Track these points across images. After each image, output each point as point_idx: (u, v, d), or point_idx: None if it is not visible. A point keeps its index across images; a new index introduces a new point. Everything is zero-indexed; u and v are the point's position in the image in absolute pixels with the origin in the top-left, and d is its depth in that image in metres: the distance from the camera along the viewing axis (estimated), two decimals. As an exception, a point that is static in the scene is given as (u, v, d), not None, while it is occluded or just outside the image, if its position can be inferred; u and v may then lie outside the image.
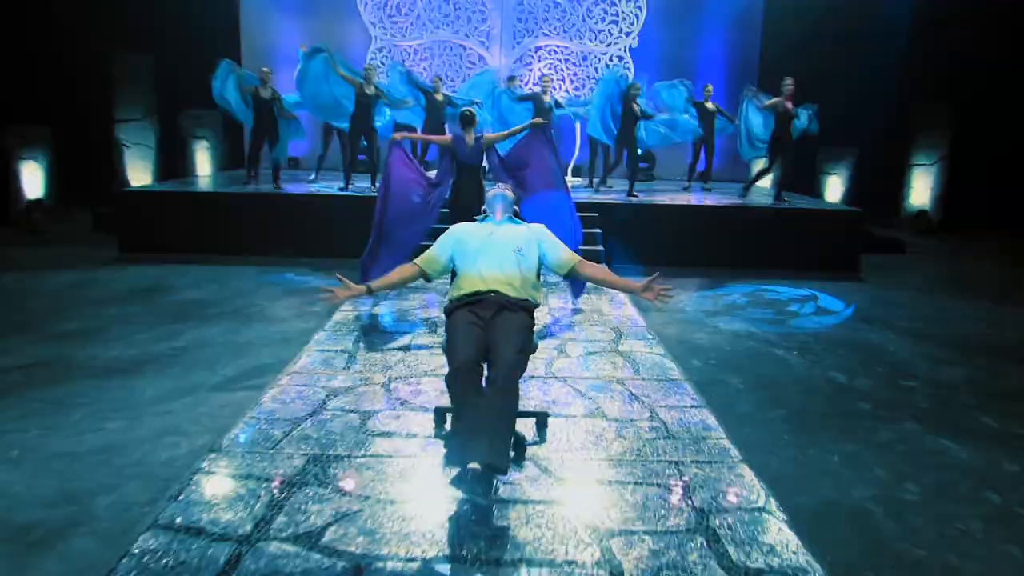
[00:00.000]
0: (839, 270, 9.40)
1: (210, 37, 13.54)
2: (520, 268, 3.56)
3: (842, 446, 4.20)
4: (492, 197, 3.77)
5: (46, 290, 7.49)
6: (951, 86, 12.86)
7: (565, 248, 3.75)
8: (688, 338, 6.24)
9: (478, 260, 3.56)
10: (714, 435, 3.77)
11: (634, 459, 3.46)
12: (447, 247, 3.74)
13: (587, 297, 6.93)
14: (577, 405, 4.14)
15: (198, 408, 4.54)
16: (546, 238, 3.75)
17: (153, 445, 4.02)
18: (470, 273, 3.54)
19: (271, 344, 5.82)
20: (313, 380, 4.43)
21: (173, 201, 9.63)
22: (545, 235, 3.76)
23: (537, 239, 3.71)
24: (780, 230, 9.57)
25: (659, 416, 3.99)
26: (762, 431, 4.35)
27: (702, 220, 9.59)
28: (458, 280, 3.59)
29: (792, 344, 6.21)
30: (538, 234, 3.75)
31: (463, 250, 3.64)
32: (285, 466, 3.31)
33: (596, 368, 4.79)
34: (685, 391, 4.40)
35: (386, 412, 3.96)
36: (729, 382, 5.21)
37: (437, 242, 3.80)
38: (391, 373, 4.60)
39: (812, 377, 5.40)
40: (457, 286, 3.60)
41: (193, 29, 13.25)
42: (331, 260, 8.87)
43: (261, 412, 3.93)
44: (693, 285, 8.42)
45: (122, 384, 4.93)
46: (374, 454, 3.46)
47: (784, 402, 4.87)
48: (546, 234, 3.77)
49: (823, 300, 7.87)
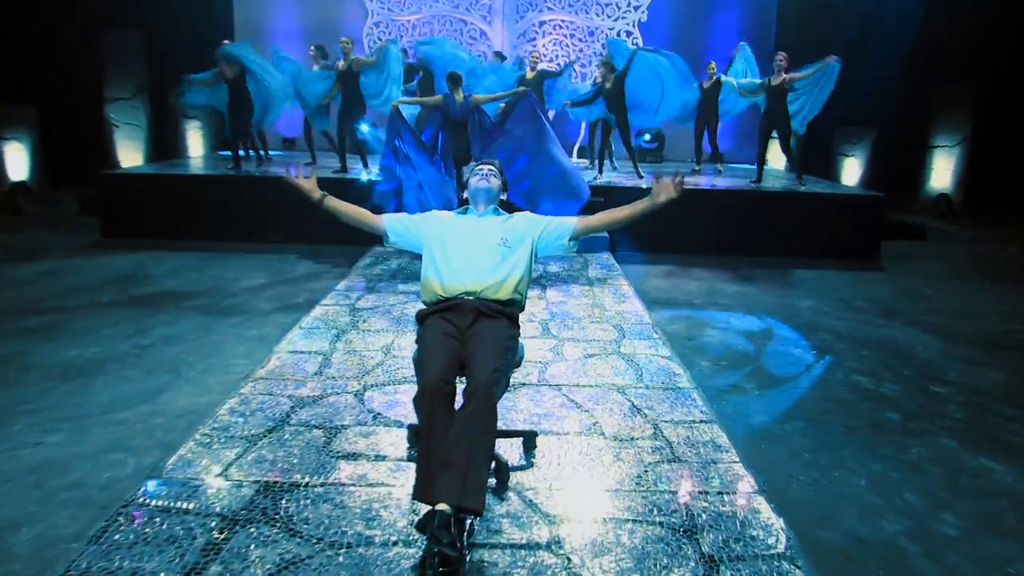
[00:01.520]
0: (857, 258, 8.88)
1: (203, 12, 13.02)
2: (505, 263, 3.08)
3: (869, 466, 3.74)
4: (475, 189, 3.29)
5: (17, 279, 7.08)
6: (975, 62, 12.21)
7: (558, 219, 3.28)
8: (697, 335, 5.77)
9: (455, 256, 3.10)
10: (726, 458, 3.31)
11: (633, 489, 3.01)
12: (419, 225, 3.27)
13: (588, 290, 6.46)
14: (571, 419, 3.68)
15: (153, 418, 4.12)
16: (538, 220, 3.28)
17: (95, 463, 3.61)
18: (444, 271, 3.08)
19: (245, 342, 5.40)
20: (280, 388, 3.99)
21: (156, 184, 9.18)
22: (536, 219, 3.29)
23: (528, 225, 3.24)
24: (794, 216, 9.04)
25: (663, 433, 3.53)
26: (779, 448, 3.89)
27: (712, 205, 9.06)
28: (430, 280, 3.13)
29: (811, 342, 5.73)
30: (528, 220, 3.27)
31: (439, 242, 3.17)
32: (231, 497, 2.87)
33: (595, 374, 4.33)
34: (693, 402, 3.93)
35: (355, 429, 3.52)
36: (742, 387, 4.75)
37: (416, 215, 3.35)
38: (367, 379, 4.15)
39: (833, 381, 4.92)
40: (429, 287, 3.13)
41: (185, 3, 12.72)
42: (323, 247, 8.44)
43: (215, 428, 3.49)
44: (702, 275, 7.92)
45: (76, 388, 4.52)
46: (335, 482, 3.01)
47: (803, 411, 4.41)
48: (536, 218, 3.30)
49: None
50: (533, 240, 3.21)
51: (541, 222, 3.27)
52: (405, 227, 3.29)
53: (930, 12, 12.27)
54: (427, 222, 3.29)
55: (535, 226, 3.24)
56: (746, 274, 8.02)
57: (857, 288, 7.60)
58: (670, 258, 8.58)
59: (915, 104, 12.68)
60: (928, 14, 12.30)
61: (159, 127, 12.67)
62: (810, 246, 8.96)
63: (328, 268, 7.69)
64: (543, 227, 3.24)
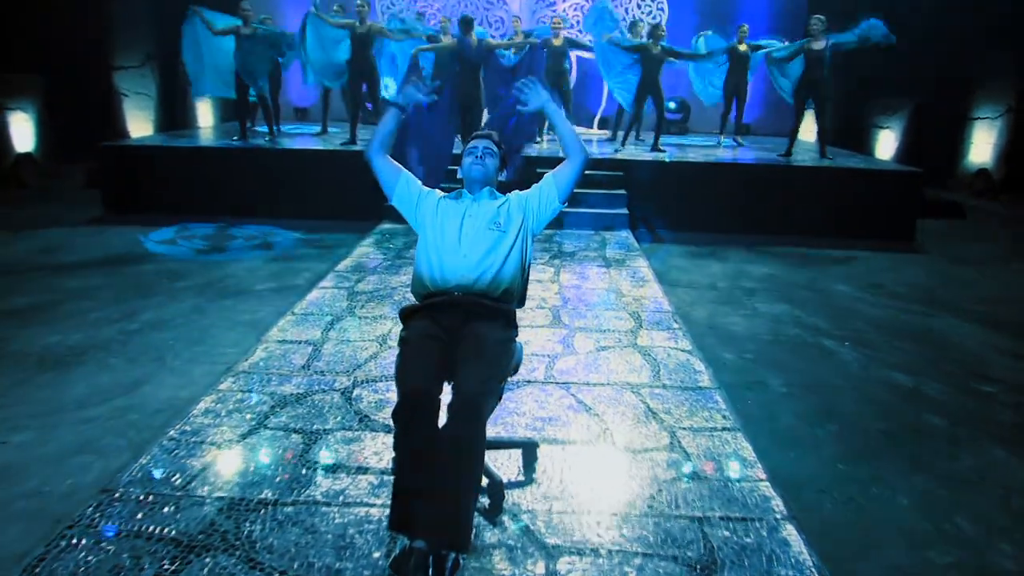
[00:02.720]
0: (891, 238, 8.38)
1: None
2: (498, 250, 2.71)
3: (911, 480, 3.35)
4: (467, 171, 2.90)
5: (10, 256, 6.81)
6: (1019, 28, 11.50)
7: (539, 185, 2.91)
8: (721, 323, 5.37)
9: (445, 246, 2.73)
10: (751, 474, 2.94)
11: (645, 512, 2.65)
12: (422, 199, 2.90)
13: (605, 272, 6.07)
14: (579, 425, 3.32)
15: (128, 414, 3.81)
16: (525, 194, 2.90)
17: (58, 468, 3.30)
18: (433, 262, 2.72)
19: (236, 327, 5.07)
20: (262, 384, 3.67)
21: (159, 157, 8.86)
22: (523, 194, 2.91)
23: (518, 203, 2.86)
24: (825, 192, 8.54)
25: (681, 443, 3.16)
26: (811, 458, 3.50)
27: (738, 180, 8.59)
28: (419, 270, 2.77)
29: (844, 332, 5.31)
30: (518, 197, 2.90)
31: (431, 227, 2.80)
32: (189, 518, 2.55)
33: (607, 370, 3.96)
34: (715, 405, 3.56)
35: (337, 434, 3.18)
36: (769, 384, 4.35)
37: (423, 189, 2.96)
38: (357, 375, 3.81)
39: (869, 378, 4.51)
40: (417, 279, 2.77)
41: (196, -33, 12.30)
42: (331, 221, 8.10)
43: (185, 431, 3.17)
44: (727, 255, 7.49)
45: (52, 379, 4.22)
46: (308, 499, 2.68)
47: (837, 413, 4.01)
48: (523, 193, 2.92)
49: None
50: (524, 217, 2.83)
51: (528, 194, 2.90)
52: (410, 192, 2.92)
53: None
54: (426, 200, 2.92)
55: (524, 202, 2.87)
56: (774, 254, 7.57)
57: (893, 271, 7.14)
58: (693, 236, 8.14)
59: (954, 73, 12.00)
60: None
61: (169, 97, 12.34)
62: (842, 225, 8.47)
63: (333, 246, 7.34)
64: (530, 198, 2.87)
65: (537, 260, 6.52)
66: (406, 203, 2.92)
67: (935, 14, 11.73)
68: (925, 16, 11.69)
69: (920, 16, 11.69)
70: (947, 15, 11.76)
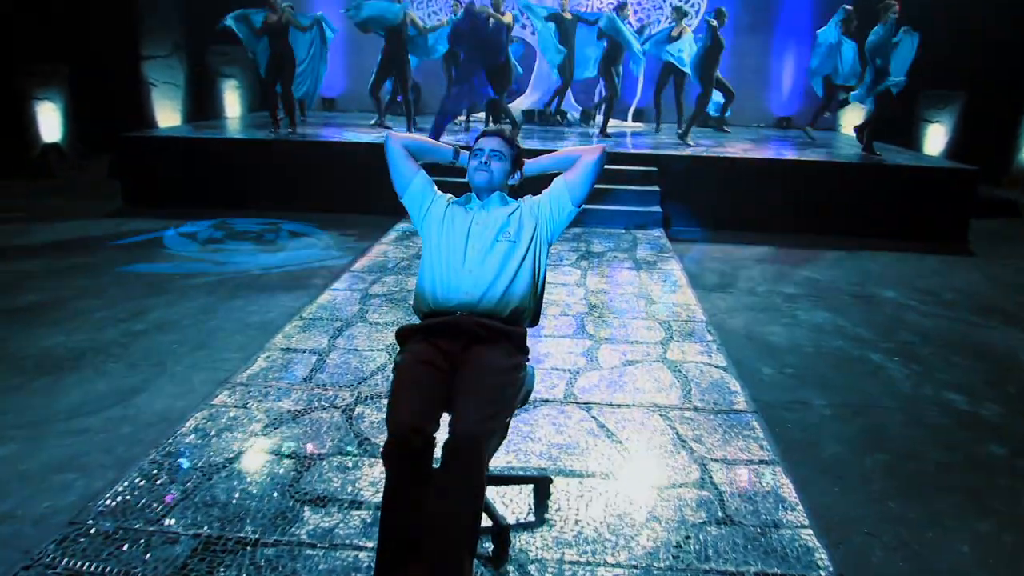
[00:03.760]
0: (942, 239, 7.89)
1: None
2: (508, 265, 2.41)
3: (973, 523, 2.98)
4: (472, 173, 2.58)
5: (27, 248, 6.67)
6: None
7: (550, 189, 2.62)
8: (759, 333, 5.00)
9: (447, 257, 2.43)
10: (791, 519, 2.60)
11: (669, 565, 2.33)
12: (432, 203, 2.63)
13: (635, 275, 5.73)
14: (599, 454, 3.01)
15: (120, 427, 3.58)
16: (538, 200, 2.61)
17: (39, 486, 3.08)
18: (436, 277, 2.42)
19: (244, 330, 4.83)
20: (258, 398, 3.41)
21: (179, 148, 8.68)
22: (536, 200, 2.61)
23: (530, 210, 2.56)
24: (872, 190, 8.08)
25: (712, 479, 2.84)
26: (857, 494, 3.14)
27: (780, 176, 8.15)
28: (422, 286, 2.48)
29: (892, 345, 4.91)
30: (530, 205, 2.59)
31: (437, 236, 2.51)
32: (158, 559, 2.30)
33: (633, 388, 3.63)
34: (751, 433, 3.22)
35: (334, 460, 2.91)
36: (811, 404, 3.99)
37: (435, 191, 2.69)
38: (361, 389, 3.53)
39: (921, 399, 4.13)
40: (419, 295, 2.48)
41: (224, -44, 12.14)
42: (355, 216, 7.83)
43: (169, 452, 2.93)
44: (766, 256, 7.09)
45: (46, 386, 4.01)
46: (293, 539, 2.41)
47: (886, 440, 3.64)
48: (536, 199, 2.62)
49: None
50: (537, 226, 2.52)
51: (540, 200, 2.59)
52: (424, 194, 2.64)
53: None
54: (437, 205, 2.62)
55: (536, 208, 2.56)
56: (816, 256, 7.16)
57: (944, 276, 6.69)
58: (730, 235, 7.74)
59: (1008, 64, 11.36)
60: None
61: (198, 87, 12.21)
62: (889, 225, 8.01)
63: (353, 242, 7.08)
64: (541, 205, 2.58)
65: (563, 261, 6.20)
66: (417, 204, 2.63)
67: (988, 1, 11.11)
68: (977, 4, 11.09)
69: (972, 4, 11.09)
70: (1001, 3, 11.14)
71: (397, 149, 2.64)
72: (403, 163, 2.64)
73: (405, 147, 2.66)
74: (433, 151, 2.71)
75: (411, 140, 2.70)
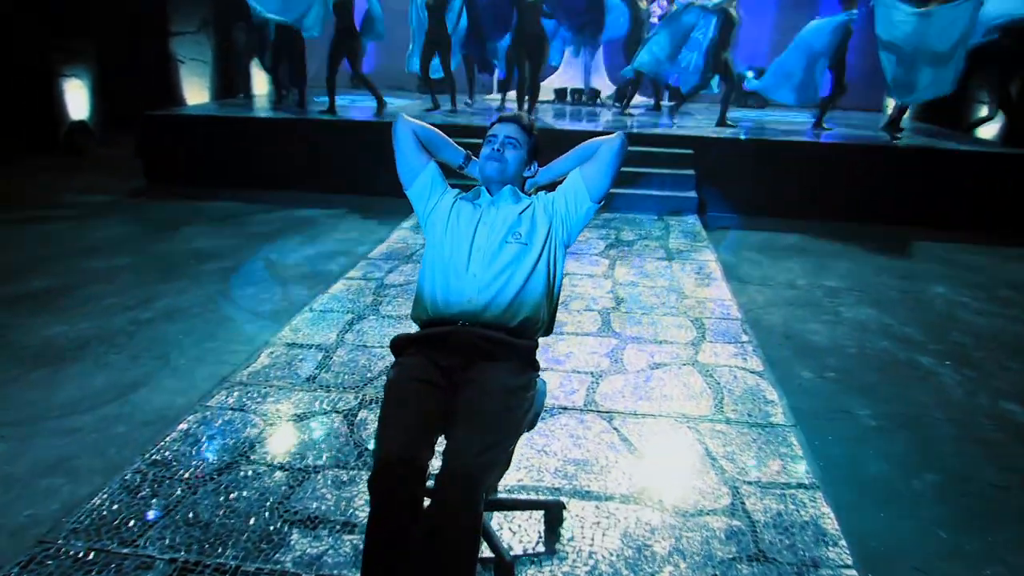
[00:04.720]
0: (995, 229, 7.43)
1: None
2: (518, 268, 2.14)
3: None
4: (483, 161, 2.32)
5: (41, 231, 6.54)
6: None
7: (565, 185, 2.34)
8: (798, 332, 4.68)
9: (451, 258, 2.17)
10: (833, 555, 2.32)
11: (694, 609, 2.07)
12: (439, 197, 2.38)
13: (666, 267, 5.42)
14: (619, 473, 2.74)
15: (114, 425, 3.40)
16: (553, 197, 2.33)
17: (22, 491, 2.90)
18: (437, 281, 2.17)
19: (254, 320, 4.64)
20: (257, 400, 3.19)
21: (201, 127, 8.52)
22: (550, 197, 2.34)
23: (544, 208, 2.29)
24: (918, 177, 7.62)
25: (744, 505, 2.55)
26: (906, 521, 2.84)
27: (822, 160, 7.74)
28: (422, 290, 2.22)
29: (942, 347, 4.56)
30: (544, 201, 2.32)
31: (441, 234, 2.25)
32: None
33: (660, 395, 3.35)
34: (790, 450, 2.92)
35: (329, 473, 2.68)
36: (855, 414, 3.67)
37: (443, 186, 2.43)
38: (367, 391, 3.30)
39: (975, 410, 3.79)
40: (419, 301, 2.23)
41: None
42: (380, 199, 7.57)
43: (155, 461, 2.72)
44: (806, 246, 6.71)
45: (43, 378, 3.85)
46: (276, 568, 2.18)
47: (937, 457, 3.32)
48: (551, 195, 2.34)
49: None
50: (551, 226, 2.24)
51: (554, 196, 2.32)
52: (432, 187, 2.39)
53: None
54: (444, 199, 2.36)
55: (550, 206, 2.28)
56: (861, 247, 6.76)
57: (998, 270, 6.27)
58: (769, 223, 7.36)
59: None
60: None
61: (225, 63, 12.05)
62: (939, 212, 7.56)
63: (375, 226, 6.85)
64: (556, 202, 2.31)
65: (591, 250, 5.90)
66: (424, 197, 2.37)
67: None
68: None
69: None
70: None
71: (407, 135, 2.39)
72: (412, 151, 2.38)
73: (416, 133, 2.40)
74: (444, 148, 2.44)
75: (423, 128, 2.43)
